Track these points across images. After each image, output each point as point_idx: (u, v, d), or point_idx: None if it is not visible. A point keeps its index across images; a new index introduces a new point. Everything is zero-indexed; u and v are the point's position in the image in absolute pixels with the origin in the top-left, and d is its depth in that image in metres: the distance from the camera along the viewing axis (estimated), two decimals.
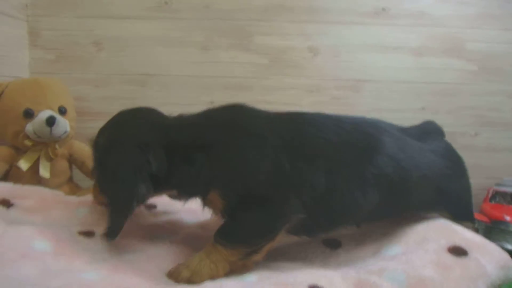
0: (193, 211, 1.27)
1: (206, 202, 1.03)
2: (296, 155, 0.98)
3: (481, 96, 1.90)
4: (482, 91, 1.90)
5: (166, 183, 1.00)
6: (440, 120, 1.36)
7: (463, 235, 1.01)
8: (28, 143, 1.43)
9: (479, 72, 1.89)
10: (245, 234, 0.95)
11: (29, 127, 1.42)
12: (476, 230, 1.17)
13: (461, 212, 1.19)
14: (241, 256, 0.94)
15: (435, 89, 1.88)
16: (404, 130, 1.18)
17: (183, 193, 1.07)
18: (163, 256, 1.01)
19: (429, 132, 1.24)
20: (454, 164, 1.18)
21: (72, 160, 1.59)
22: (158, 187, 1.00)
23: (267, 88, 1.84)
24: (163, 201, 1.29)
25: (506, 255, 0.97)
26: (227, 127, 1.01)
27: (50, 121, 1.41)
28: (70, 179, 1.60)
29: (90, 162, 1.28)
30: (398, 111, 1.86)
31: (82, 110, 1.73)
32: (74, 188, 1.58)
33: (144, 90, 1.80)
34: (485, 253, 0.95)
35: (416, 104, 1.88)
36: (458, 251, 0.94)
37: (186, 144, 0.99)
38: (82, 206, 1.23)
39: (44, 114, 1.42)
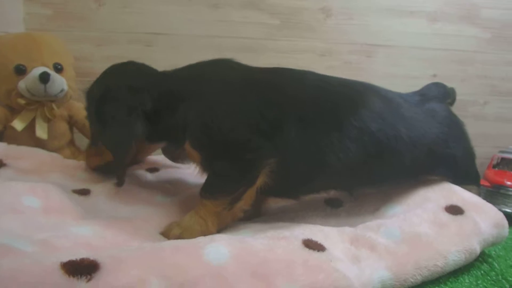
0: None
1: (187, 155, 0.99)
2: (268, 103, 0.92)
3: (494, 66, 1.75)
4: (496, 60, 1.74)
5: (156, 132, 0.99)
6: None
7: (462, 195, 1.00)
8: (21, 101, 1.25)
9: (492, 40, 1.72)
10: (223, 182, 0.91)
11: (22, 84, 1.23)
12: (479, 194, 1.12)
13: (462, 176, 1.12)
14: (225, 205, 0.90)
15: (448, 56, 1.73)
16: (402, 96, 1.11)
17: (170, 144, 1.07)
18: (162, 216, 0.96)
19: (429, 97, 1.15)
20: (451, 128, 1.11)
21: (72, 122, 1.40)
22: (150, 136, 1.00)
23: (278, 51, 1.64)
24: (165, 164, 1.26)
25: (501, 215, 0.96)
26: (204, 78, 0.98)
27: (44, 78, 1.21)
28: (71, 142, 1.42)
29: None
30: (410, 77, 1.71)
31: (84, 70, 1.51)
32: (75, 151, 1.40)
33: (150, 50, 1.58)
34: (481, 212, 0.95)
35: (428, 71, 1.73)
36: (455, 210, 0.93)
37: (170, 94, 0.97)
38: (81, 169, 1.17)
39: (38, 71, 1.23)
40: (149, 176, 1.21)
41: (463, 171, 1.13)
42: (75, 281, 0.58)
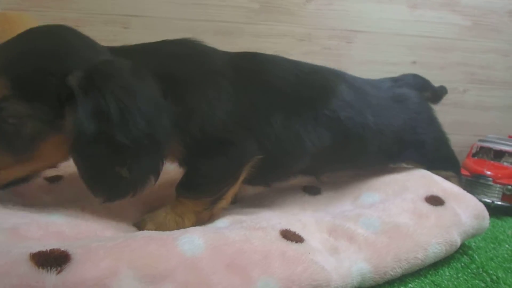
0: None
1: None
2: (254, 93, 0.89)
3: (474, 53, 1.73)
4: (476, 48, 1.72)
5: None
6: (431, 75, 1.28)
7: (442, 185, 1.00)
8: None
9: (473, 28, 1.70)
10: (206, 182, 0.85)
11: None
12: (460, 182, 1.15)
13: (436, 162, 1.14)
14: (206, 205, 0.85)
15: (428, 43, 1.70)
16: (370, 82, 1.12)
17: None
18: (137, 203, 0.91)
19: (401, 84, 1.17)
20: (420, 114, 1.13)
21: None
22: None
23: (257, 35, 1.61)
24: None
25: (481, 206, 0.96)
26: (182, 62, 0.87)
27: None
28: None
29: None
30: (389, 64, 1.67)
31: None
32: None
33: (126, 32, 1.54)
34: (461, 202, 0.94)
35: (408, 57, 1.70)
36: (435, 200, 0.93)
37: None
38: None
39: None
40: None
41: (435, 156, 1.14)
42: (44, 273, 0.55)
